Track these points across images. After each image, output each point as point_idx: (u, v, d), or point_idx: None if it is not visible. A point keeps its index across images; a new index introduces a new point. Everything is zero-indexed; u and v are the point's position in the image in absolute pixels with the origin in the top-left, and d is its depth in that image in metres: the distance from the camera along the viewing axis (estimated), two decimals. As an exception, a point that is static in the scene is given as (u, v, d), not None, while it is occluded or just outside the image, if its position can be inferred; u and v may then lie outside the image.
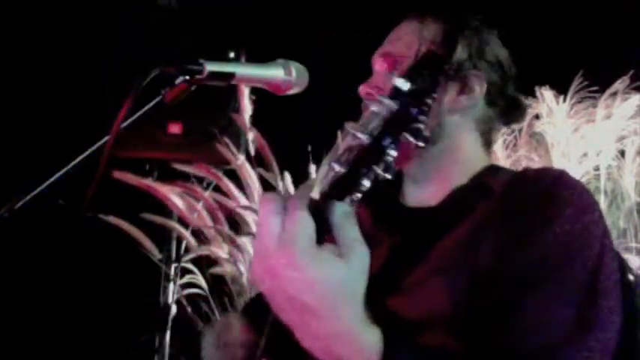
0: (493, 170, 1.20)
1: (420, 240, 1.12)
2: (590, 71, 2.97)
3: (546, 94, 2.99)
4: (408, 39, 1.19)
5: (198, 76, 1.02)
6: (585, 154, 2.96)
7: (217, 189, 2.54)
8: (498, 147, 2.92)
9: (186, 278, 2.64)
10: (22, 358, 3.01)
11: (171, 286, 2.63)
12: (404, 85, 0.76)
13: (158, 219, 2.55)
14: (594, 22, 3.12)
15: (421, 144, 0.75)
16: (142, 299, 2.66)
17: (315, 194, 0.74)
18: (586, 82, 2.97)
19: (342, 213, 0.73)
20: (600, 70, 2.98)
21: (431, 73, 0.79)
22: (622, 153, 2.97)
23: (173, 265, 2.65)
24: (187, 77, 1.02)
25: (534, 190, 1.05)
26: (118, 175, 2.39)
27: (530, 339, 0.91)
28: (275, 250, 0.71)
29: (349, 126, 0.75)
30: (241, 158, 2.51)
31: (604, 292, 0.96)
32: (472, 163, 1.20)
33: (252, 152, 2.55)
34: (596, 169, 2.98)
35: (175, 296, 2.62)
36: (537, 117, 3.04)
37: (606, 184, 2.97)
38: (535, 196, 1.04)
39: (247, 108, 2.56)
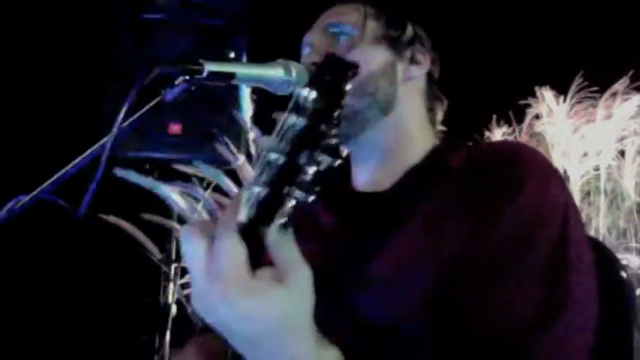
0: (448, 146, 1.16)
1: (377, 228, 1.06)
2: (590, 71, 2.97)
3: (546, 94, 3.00)
4: (352, 16, 1.17)
5: (198, 76, 1.02)
6: (585, 154, 2.96)
7: (217, 189, 2.54)
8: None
9: (187, 278, 2.64)
10: (22, 358, 3.01)
11: (171, 286, 2.63)
12: (310, 95, 0.68)
13: (158, 219, 2.55)
14: (594, 22, 3.12)
15: (337, 161, 0.67)
16: (142, 299, 2.66)
17: (242, 217, 0.67)
18: (586, 82, 2.97)
19: (277, 233, 0.67)
20: (600, 70, 2.98)
21: (335, 80, 0.71)
22: (622, 153, 2.97)
23: (173, 265, 2.65)
24: (187, 77, 1.02)
25: (493, 166, 1.01)
26: (120, 173, 2.39)
27: (501, 325, 0.88)
28: (207, 285, 0.66)
29: (264, 143, 0.69)
30: (241, 158, 2.51)
31: (574, 267, 0.93)
32: (422, 139, 1.17)
33: (253, 152, 2.55)
34: (596, 169, 2.98)
35: (175, 296, 2.62)
36: (537, 117, 3.05)
37: (606, 184, 2.97)
38: (494, 174, 1.00)
39: (247, 108, 2.56)
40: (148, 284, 2.66)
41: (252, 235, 0.67)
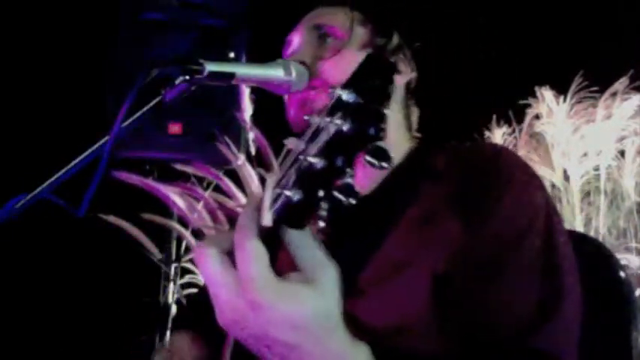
0: (426, 148, 1.17)
1: (364, 232, 1.05)
2: (590, 71, 2.97)
3: (546, 94, 3.00)
4: (340, 19, 1.17)
5: (198, 76, 1.02)
6: (585, 154, 2.96)
7: (217, 189, 2.53)
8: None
9: (186, 278, 2.64)
10: (22, 358, 3.01)
11: (171, 286, 2.63)
12: (349, 97, 0.64)
13: (158, 219, 2.55)
14: (594, 22, 3.12)
15: (385, 164, 0.65)
16: (142, 299, 2.66)
17: (267, 221, 0.66)
18: (586, 82, 2.97)
19: (299, 235, 0.67)
20: (600, 70, 2.98)
21: (382, 82, 0.67)
22: (622, 153, 2.98)
23: (173, 265, 2.64)
24: (187, 77, 1.02)
25: (478, 169, 1.02)
26: (120, 175, 2.39)
27: (504, 322, 0.89)
28: (233, 298, 0.65)
29: (293, 145, 0.67)
30: (241, 158, 2.51)
31: (563, 262, 0.95)
32: (399, 143, 1.18)
33: (253, 152, 2.55)
34: (596, 169, 2.98)
35: (175, 296, 2.62)
36: (537, 117, 3.05)
37: (606, 184, 2.98)
38: (479, 177, 1.01)
39: (247, 108, 2.56)
40: (148, 284, 2.66)
41: (274, 239, 0.66)
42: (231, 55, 2.57)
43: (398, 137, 1.19)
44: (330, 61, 1.13)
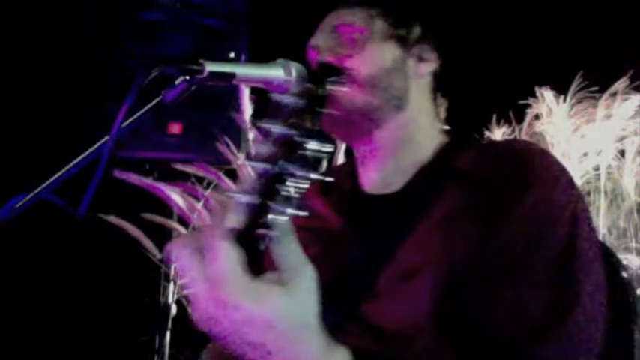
0: (455, 145, 1.16)
1: (389, 232, 1.06)
2: (590, 71, 2.97)
3: (546, 94, 2.99)
4: (359, 16, 1.17)
5: (198, 76, 1.02)
6: (585, 154, 2.96)
7: (217, 189, 2.53)
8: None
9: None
10: (22, 358, 3.01)
11: (171, 286, 2.63)
12: (288, 100, 0.67)
13: (158, 219, 2.55)
14: (594, 22, 3.12)
15: (329, 147, 0.68)
16: (142, 299, 2.66)
17: (235, 223, 0.66)
18: (586, 82, 2.97)
19: (278, 235, 0.67)
20: (600, 70, 2.98)
21: (308, 102, 0.69)
22: (622, 153, 2.97)
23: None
24: (187, 77, 1.02)
25: (502, 169, 1.02)
26: (119, 174, 2.39)
27: (512, 325, 0.89)
28: (205, 293, 0.65)
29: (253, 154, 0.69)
30: (241, 158, 2.51)
31: (582, 267, 0.94)
32: (431, 136, 1.18)
33: (252, 152, 2.55)
34: (596, 169, 2.98)
35: (175, 296, 2.62)
36: (537, 117, 3.05)
37: (606, 184, 2.97)
38: (503, 177, 1.01)
39: (247, 108, 2.56)
40: (148, 284, 2.66)
41: (250, 240, 0.66)
42: (231, 55, 2.57)
43: (428, 127, 1.19)
44: (355, 57, 1.14)
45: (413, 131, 1.16)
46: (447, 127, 1.24)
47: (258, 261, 0.67)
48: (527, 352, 0.88)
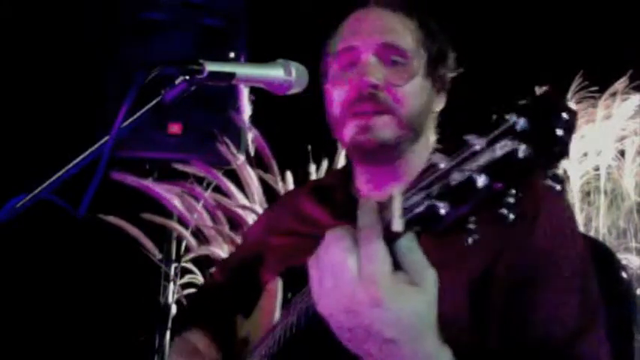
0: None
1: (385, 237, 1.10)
2: (590, 71, 2.97)
3: (546, 94, 2.99)
4: (407, 39, 1.17)
5: (198, 76, 1.02)
6: (585, 154, 2.95)
7: (217, 189, 2.54)
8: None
9: (186, 278, 2.64)
10: (22, 358, 3.01)
11: (171, 286, 2.63)
12: (523, 125, 0.63)
13: (158, 219, 2.55)
14: (594, 23, 3.12)
15: (512, 216, 0.64)
16: (142, 299, 2.66)
17: (398, 227, 0.69)
18: (586, 82, 2.97)
19: (408, 239, 0.71)
20: (600, 70, 2.98)
21: (552, 119, 0.62)
22: (622, 153, 2.97)
23: (173, 265, 2.65)
24: (187, 77, 1.02)
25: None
26: (117, 176, 2.40)
27: (549, 328, 0.93)
28: (356, 288, 0.69)
29: (438, 159, 0.68)
30: (241, 158, 2.51)
31: (592, 284, 1.00)
32: (427, 150, 1.20)
33: (252, 152, 2.55)
34: (596, 169, 2.98)
35: (175, 296, 2.62)
36: (537, 117, 3.04)
37: (606, 184, 2.97)
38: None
39: (247, 108, 2.56)
40: (148, 284, 2.66)
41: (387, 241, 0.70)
42: (231, 55, 2.57)
43: (428, 146, 1.21)
44: (403, 89, 1.13)
45: (419, 157, 1.19)
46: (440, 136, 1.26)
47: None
48: (569, 349, 0.93)
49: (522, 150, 0.62)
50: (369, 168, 1.21)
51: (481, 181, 0.63)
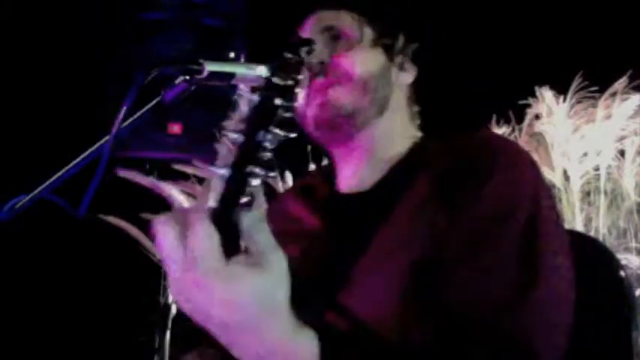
0: (428, 141, 1.21)
1: (361, 227, 1.09)
2: (590, 71, 2.97)
3: (546, 94, 2.99)
4: (348, 20, 1.20)
5: (198, 76, 1.02)
6: (585, 154, 2.95)
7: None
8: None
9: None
10: (22, 358, 3.01)
11: (171, 286, 2.63)
12: (262, 72, 0.73)
13: (158, 219, 2.55)
14: (594, 23, 3.13)
15: (292, 135, 0.70)
16: (142, 299, 2.66)
17: (211, 202, 0.69)
18: (586, 82, 2.96)
19: (251, 220, 0.69)
20: (600, 70, 2.98)
21: (294, 65, 0.73)
22: (622, 153, 2.97)
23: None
24: (187, 77, 1.02)
25: (465, 157, 1.06)
26: (122, 173, 2.40)
27: (475, 302, 0.90)
28: (182, 271, 0.67)
29: (224, 125, 0.72)
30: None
31: (546, 248, 0.96)
32: (404, 138, 1.21)
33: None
34: (596, 169, 2.98)
35: (175, 296, 2.62)
36: (537, 117, 3.04)
37: (606, 184, 2.97)
38: (466, 163, 1.04)
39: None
40: (148, 284, 2.66)
41: (227, 220, 0.68)
42: (231, 55, 2.57)
43: (403, 132, 1.22)
44: (346, 56, 1.17)
45: (389, 134, 1.20)
46: (420, 124, 1.27)
47: (235, 241, 0.69)
48: (492, 327, 0.89)
49: (256, 100, 0.72)
50: (335, 150, 1.22)
51: (240, 139, 0.70)
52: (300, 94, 0.71)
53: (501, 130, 3.17)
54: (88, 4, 2.95)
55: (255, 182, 0.69)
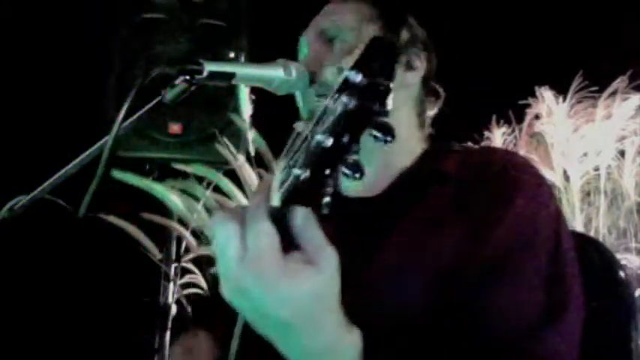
0: (438, 151, 1.19)
1: (369, 234, 1.08)
2: (590, 71, 2.97)
3: (546, 94, 2.99)
4: (348, 18, 1.18)
5: (198, 76, 1.02)
6: (585, 154, 2.96)
7: (217, 189, 2.54)
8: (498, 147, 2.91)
9: (186, 278, 2.64)
10: (22, 358, 3.01)
11: (171, 286, 2.63)
12: (356, 77, 0.68)
13: (158, 219, 2.55)
14: (594, 22, 3.13)
15: (389, 139, 0.68)
16: (142, 299, 2.66)
17: (275, 202, 0.68)
18: (586, 82, 2.97)
19: (303, 217, 0.69)
20: (600, 70, 2.98)
21: (385, 62, 0.70)
22: (622, 153, 2.97)
23: (173, 265, 2.65)
24: (187, 77, 1.02)
25: (486, 176, 1.05)
26: (118, 175, 2.40)
27: (508, 325, 0.90)
28: (241, 269, 0.67)
29: (301, 127, 0.70)
30: (241, 158, 2.51)
31: (569, 270, 0.98)
32: (411, 144, 1.20)
33: (252, 152, 2.55)
34: (596, 169, 2.98)
35: (175, 296, 2.62)
36: (537, 117, 3.05)
37: (606, 184, 2.97)
38: (488, 184, 1.04)
39: (247, 108, 2.56)
40: (148, 284, 2.66)
41: (280, 219, 0.68)
42: (231, 55, 2.57)
43: (408, 136, 1.20)
44: (344, 60, 1.14)
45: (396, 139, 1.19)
46: (430, 134, 1.26)
47: (287, 242, 0.68)
48: (525, 350, 0.89)
49: (352, 103, 0.66)
50: None
51: (329, 141, 0.65)
52: (390, 99, 0.69)
53: (501, 130, 3.17)
54: (88, 4, 2.95)
55: (332, 185, 0.67)
